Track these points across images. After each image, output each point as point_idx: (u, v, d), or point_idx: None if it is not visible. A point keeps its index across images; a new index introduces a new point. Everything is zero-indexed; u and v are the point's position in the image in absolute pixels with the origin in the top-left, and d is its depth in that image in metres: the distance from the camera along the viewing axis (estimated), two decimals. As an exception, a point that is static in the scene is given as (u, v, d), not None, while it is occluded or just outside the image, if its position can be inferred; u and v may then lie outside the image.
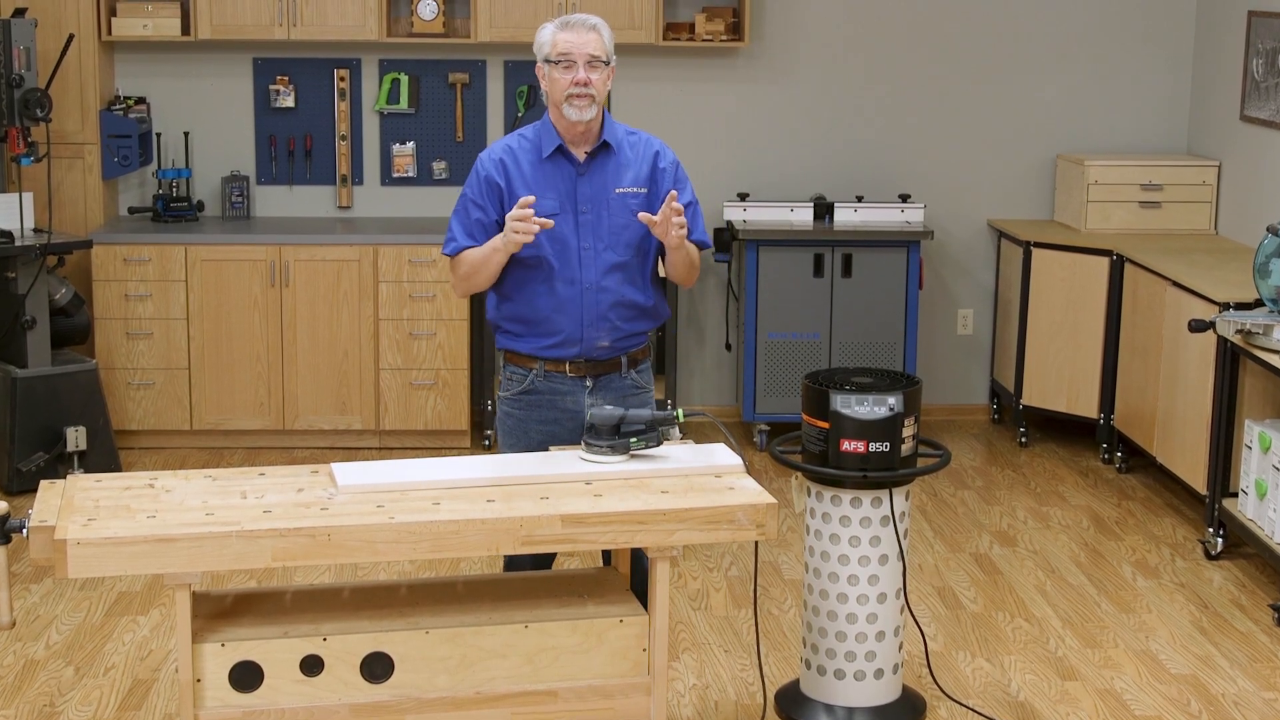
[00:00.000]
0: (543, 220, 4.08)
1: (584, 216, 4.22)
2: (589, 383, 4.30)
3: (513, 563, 4.33)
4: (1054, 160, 7.68)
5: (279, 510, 3.56)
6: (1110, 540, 6.18)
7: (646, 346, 4.42)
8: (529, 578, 4.05)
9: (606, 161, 4.25)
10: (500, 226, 4.19)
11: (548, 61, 4.19)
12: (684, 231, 4.14)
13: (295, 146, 7.53)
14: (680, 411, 4.01)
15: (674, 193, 4.12)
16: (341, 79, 7.47)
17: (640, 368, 4.39)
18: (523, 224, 4.06)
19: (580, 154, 4.24)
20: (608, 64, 4.19)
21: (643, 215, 4.14)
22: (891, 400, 4.35)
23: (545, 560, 4.32)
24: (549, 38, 4.20)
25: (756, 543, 4.07)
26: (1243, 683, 4.91)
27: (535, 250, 4.19)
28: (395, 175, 7.58)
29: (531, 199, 4.07)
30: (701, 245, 4.34)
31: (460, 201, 4.30)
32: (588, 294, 4.23)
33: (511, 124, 7.46)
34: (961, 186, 7.73)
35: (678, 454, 3.98)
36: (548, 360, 4.29)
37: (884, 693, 4.51)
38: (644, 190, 4.27)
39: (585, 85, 4.14)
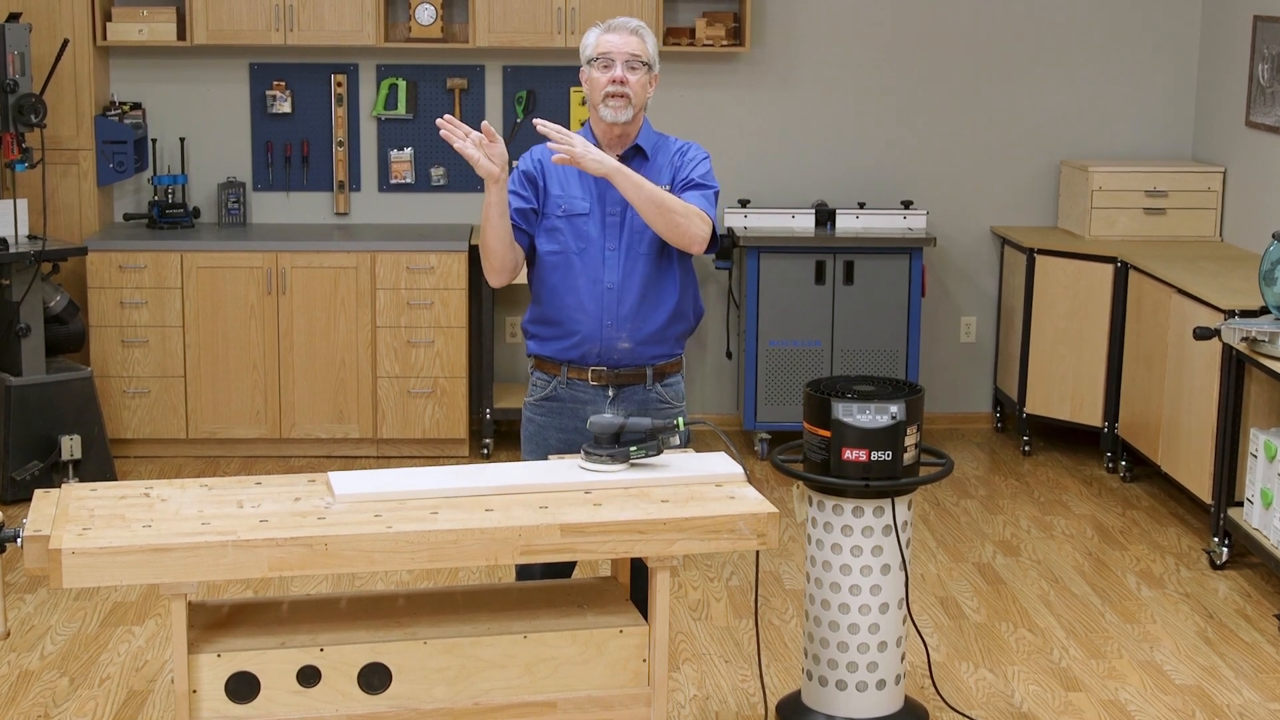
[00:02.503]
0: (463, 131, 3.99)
1: (611, 218, 4.23)
2: (611, 393, 4.27)
3: (523, 572, 4.29)
4: (1058, 166, 7.65)
5: (275, 520, 3.53)
6: (1114, 550, 6.14)
7: (678, 361, 4.37)
8: (527, 587, 4.01)
9: (639, 167, 4.24)
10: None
11: (589, 63, 4.22)
12: (579, 152, 4.01)
13: (292, 152, 7.49)
14: (681, 419, 3.97)
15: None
16: (339, 84, 7.43)
17: (667, 381, 4.34)
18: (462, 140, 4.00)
19: (613, 156, 4.22)
20: (650, 69, 4.21)
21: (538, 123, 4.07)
22: (894, 408, 4.32)
23: (557, 569, 4.26)
24: (593, 40, 4.23)
25: (757, 552, 4.03)
26: (1248, 693, 4.87)
27: (562, 249, 4.22)
28: (393, 181, 7.54)
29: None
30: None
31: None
32: (609, 294, 4.22)
33: (510, 130, 7.42)
34: (964, 193, 7.70)
35: (678, 463, 3.95)
36: (571, 367, 4.28)
37: (886, 703, 4.47)
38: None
39: (621, 84, 4.15)
